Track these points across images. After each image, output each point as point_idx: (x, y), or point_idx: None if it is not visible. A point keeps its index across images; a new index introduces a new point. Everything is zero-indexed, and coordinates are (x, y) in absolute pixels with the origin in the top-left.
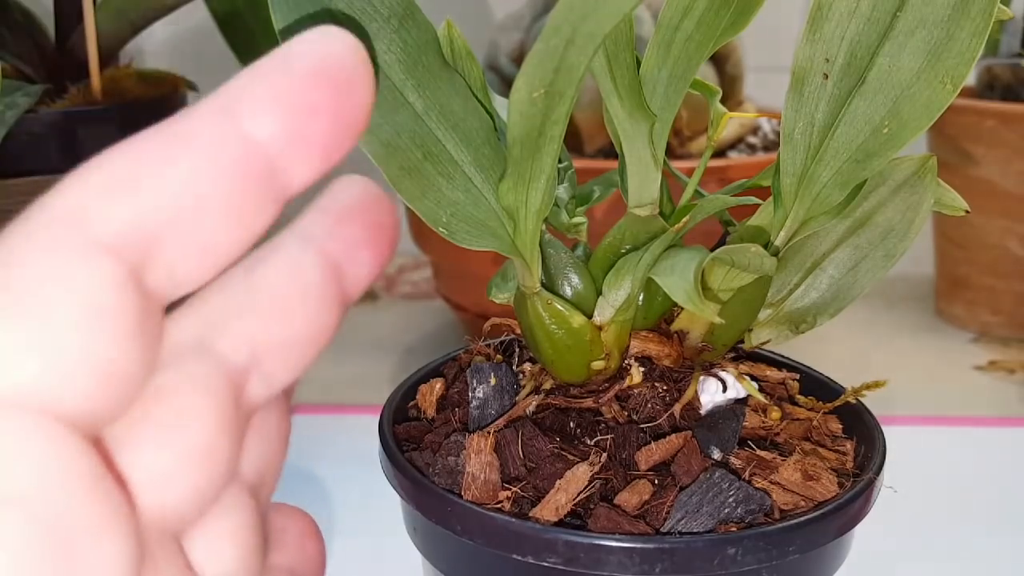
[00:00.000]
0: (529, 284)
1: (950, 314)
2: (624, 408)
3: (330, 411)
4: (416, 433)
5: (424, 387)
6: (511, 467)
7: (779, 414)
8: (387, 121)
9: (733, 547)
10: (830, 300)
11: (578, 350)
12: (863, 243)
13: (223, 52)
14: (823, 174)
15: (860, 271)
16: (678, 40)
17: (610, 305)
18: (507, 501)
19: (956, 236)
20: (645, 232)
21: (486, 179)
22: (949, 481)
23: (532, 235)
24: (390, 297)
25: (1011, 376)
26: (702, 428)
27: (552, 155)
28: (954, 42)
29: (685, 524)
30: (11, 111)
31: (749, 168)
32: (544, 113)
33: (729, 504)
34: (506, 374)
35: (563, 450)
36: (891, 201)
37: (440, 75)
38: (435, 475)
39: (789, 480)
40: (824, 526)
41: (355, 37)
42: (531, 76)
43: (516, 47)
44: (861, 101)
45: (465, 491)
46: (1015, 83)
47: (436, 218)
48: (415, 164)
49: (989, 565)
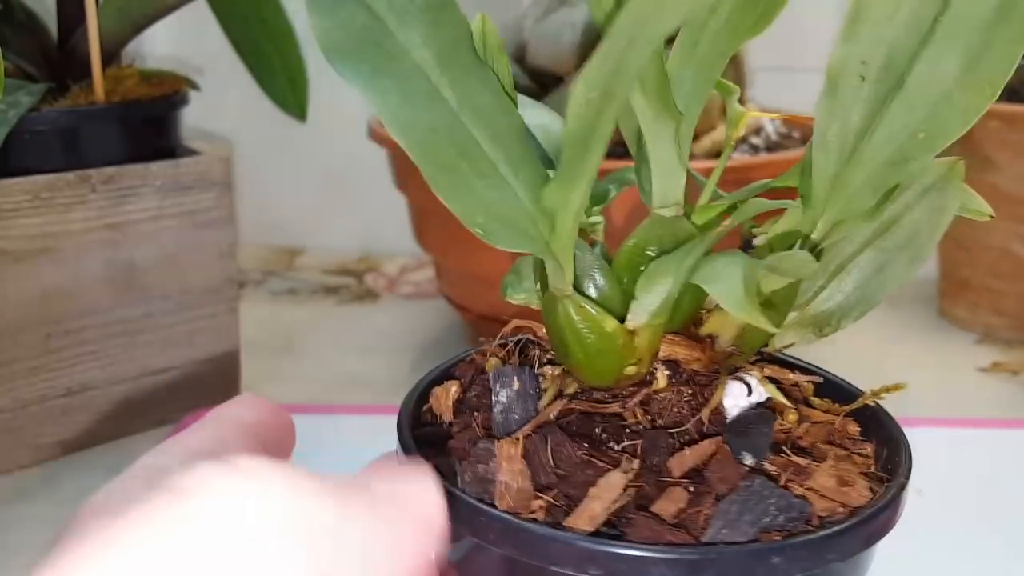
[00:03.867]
0: (561, 287)
1: (954, 316)
2: (647, 412)
3: (330, 411)
4: (435, 438)
5: (438, 390)
6: (541, 474)
7: (796, 417)
8: (422, 118)
9: (777, 556)
10: (855, 303)
11: (610, 354)
12: (889, 246)
13: (225, 52)
14: (857, 177)
15: (885, 274)
16: (704, 40)
17: (644, 309)
18: (540, 510)
19: (960, 238)
20: (670, 233)
21: (518, 178)
22: (952, 483)
23: (568, 236)
24: (392, 297)
25: (1015, 378)
26: (731, 434)
27: (599, 156)
28: (994, 48)
29: (727, 533)
30: (14, 110)
31: (752, 168)
32: (597, 114)
33: (771, 512)
34: (529, 378)
35: (592, 456)
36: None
37: (474, 71)
38: (465, 484)
39: (824, 486)
40: (864, 531)
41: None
42: (591, 78)
43: (518, 47)
44: (899, 105)
45: (499, 501)
46: (1019, 85)
47: (472, 218)
48: (451, 162)
49: (992, 566)
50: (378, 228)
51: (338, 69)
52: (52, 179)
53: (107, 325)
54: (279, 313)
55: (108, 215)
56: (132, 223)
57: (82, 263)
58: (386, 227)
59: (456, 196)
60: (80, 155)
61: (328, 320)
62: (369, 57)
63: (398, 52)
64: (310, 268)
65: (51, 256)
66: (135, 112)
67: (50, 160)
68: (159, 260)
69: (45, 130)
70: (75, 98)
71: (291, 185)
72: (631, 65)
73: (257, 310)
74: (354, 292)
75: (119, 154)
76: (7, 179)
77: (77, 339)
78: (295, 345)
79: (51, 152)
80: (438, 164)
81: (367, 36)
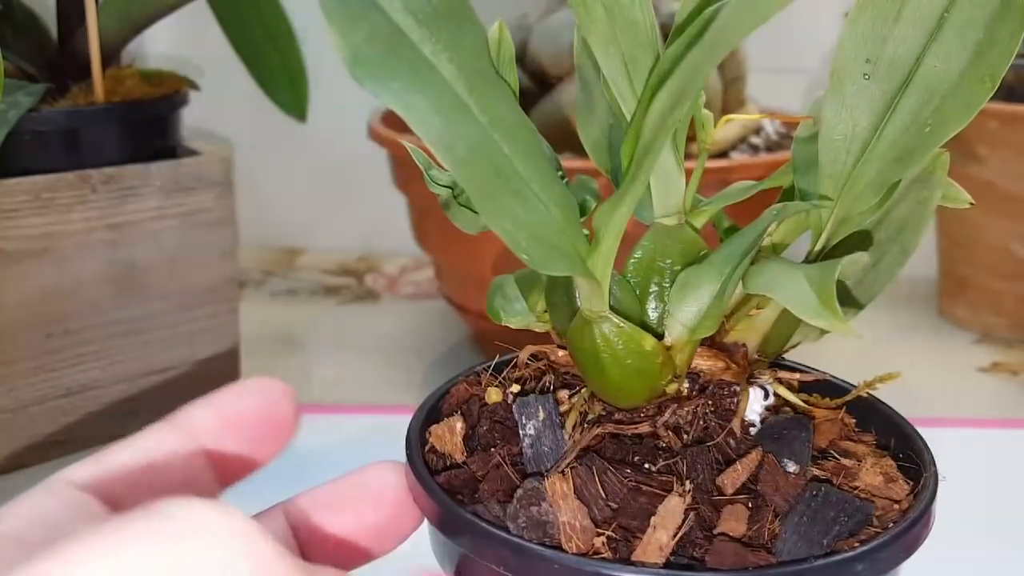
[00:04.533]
0: (597, 308)
1: (953, 316)
2: (668, 428)
3: (330, 411)
4: (457, 482)
5: (438, 429)
6: (595, 508)
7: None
8: (462, 137)
9: (861, 563)
10: (854, 298)
11: (649, 374)
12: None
13: (225, 52)
14: (866, 175)
15: (880, 267)
16: None
17: (681, 324)
18: (604, 547)
19: (959, 237)
20: (676, 242)
21: (551, 196)
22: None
23: (609, 255)
24: (392, 297)
25: (1014, 378)
26: (766, 442)
27: (651, 170)
28: (996, 42)
29: (802, 547)
30: (14, 110)
31: (752, 168)
32: (662, 125)
33: (840, 520)
34: (552, 406)
35: (639, 482)
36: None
37: (495, 83)
38: (521, 529)
39: (873, 484)
40: (922, 524)
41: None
42: (676, 88)
43: (518, 48)
44: (908, 101)
45: (567, 543)
46: (1017, 84)
47: (516, 242)
48: (491, 183)
49: (991, 566)
50: (378, 228)
51: (366, 86)
52: (52, 179)
53: (107, 325)
54: (279, 313)
55: (108, 215)
56: (132, 223)
57: (82, 263)
58: (386, 227)
59: (501, 219)
60: (80, 155)
61: (328, 320)
62: (398, 74)
63: (426, 67)
64: (310, 268)
65: (52, 256)
66: (135, 112)
67: (50, 160)
68: (159, 260)
69: (45, 130)
70: (75, 98)
71: (291, 185)
72: (707, 69)
73: (257, 310)
74: (354, 292)
75: (119, 154)
76: (7, 179)
77: (77, 339)
78: (295, 345)
79: (51, 152)
80: (482, 186)
81: (392, 50)
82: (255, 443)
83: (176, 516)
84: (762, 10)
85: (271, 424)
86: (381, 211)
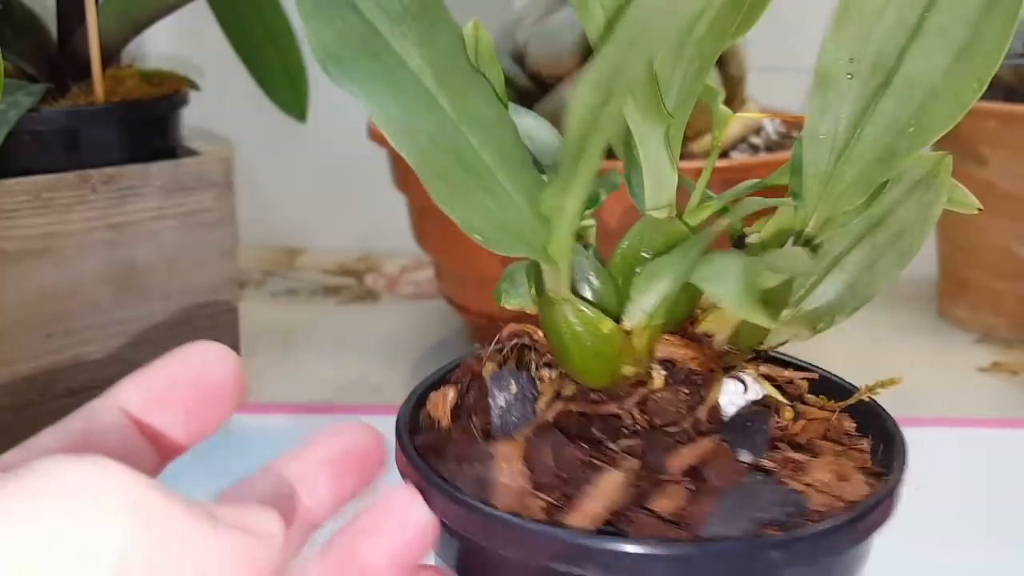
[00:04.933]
0: (559, 290)
1: (953, 316)
2: (645, 413)
3: (330, 411)
4: (434, 443)
5: (435, 396)
6: (541, 475)
7: (792, 414)
8: (422, 126)
9: (775, 550)
10: (848, 299)
11: (608, 356)
12: (879, 242)
13: (225, 52)
14: (848, 174)
15: (876, 270)
16: (691, 43)
17: (641, 310)
18: (541, 511)
19: (959, 238)
20: (664, 235)
21: (515, 184)
22: (952, 483)
23: (566, 241)
24: (392, 297)
25: (1014, 378)
26: (729, 431)
27: (597, 160)
28: (981, 42)
29: (725, 529)
30: (14, 110)
31: (752, 168)
32: (595, 118)
33: (768, 507)
34: (526, 381)
35: (592, 457)
36: (907, 200)
37: (470, 78)
38: (464, 486)
39: (822, 481)
40: (859, 526)
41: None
42: (594, 83)
43: (517, 48)
44: (889, 101)
45: (499, 501)
46: (1017, 84)
47: (471, 224)
48: (450, 169)
49: (991, 567)
50: (378, 228)
51: (334, 78)
52: (52, 179)
53: (107, 325)
54: (279, 313)
55: (108, 215)
56: (132, 223)
57: (83, 263)
58: (386, 227)
59: (456, 203)
60: (80, 155)
61: (328, 320)
62: (365, 66)
63: (394, 61)
64: (310, 268)
65: (52, 256)
66: (135, 112)
67: (50, 160)
68: (159, 260)
69: (45, 130)
70: (75, 98)
71: (291, 185)
72: (632, 67)
73: (257, 310)
74: (354, 292)
75: (119, 154)
76: (7, 179)
77: (78, 339)
78: (295, 345)
79: (51, 152)
80: (438, 172)
81: (363, 46)
82: (191, 412)
83: (48, 474)
84: (675, 9)
85: (207, 390)
86: (381, 211)
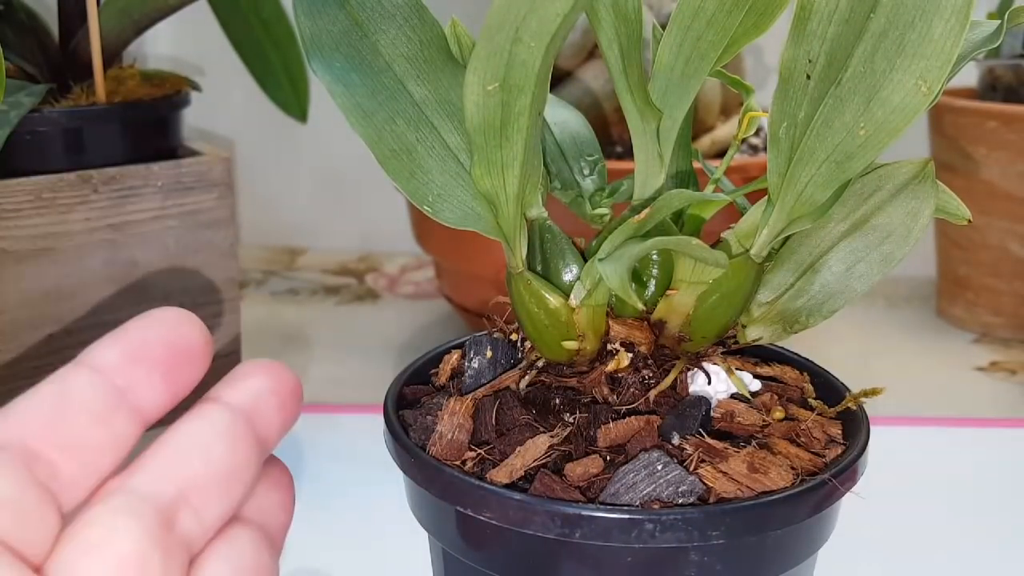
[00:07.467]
0: (513, 265)
1: (951, 315)
2: (614, 391)
3: (330, 411)
4: (421, 395)
5: (447, 356)
6: (483, 432)
7: (783, 414)
8: (384, 108)
9: (651, 523)
10: (822, 301)
11: (555, 330)
12: (859, 246)
13: (225, 52)
14: (804, 174)
15: (854, 274)
16: (689, 40)
17: (584, 289)
18: (470, 461)
19: (957, 237)
20: (641, 224)
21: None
22: (950, 482)
23: (513, 219)
24: (392, 297)
25: (1012, 377)
26: (672, 415)
27: (523, 144)
28: (927, 44)
29: (617, 497)
30: (15, 111)
31: (750, 168)
32: (504, 105)
33: (661, 484)
34: (504, 348)
35: (536, 422)
36: (890, 205)
37: (444, 68)
38: (413, 431)
39: (734, 470)
40: (757, 515)
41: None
42: (481, 71)
43: None
44: (835, 102)
45: (431, 447)
46: (1017, 84)
47: (422, 197)
48: (407, 147)
49: (990, 566)
50: (378, 228)
51: (313, 66)
52: (54, 180)
53: (109, 325)
54: (280, 313)
55: (110, 215)
56: (133, 223)
57: (84, 263)
58: (386, 227)
59: (407, 178)
60: (82, 155)
61: (328, 320)
62: (344, 56)
63: (371, 52)
64: (311, 268)
65: (53, 256)
66: (136, 112)
67: (52, 161)
68: (160, 260)
69: (47, 131)
70: (76, 99)
71: (291, 185)
72: (527, 60)
73: (258, 310)
74: (354, 292)
75: (120, 154)
76: (9, 180)
77: (79, 339)
78: (296, 345)
79: (53, 153)
80: (391, 149)
81: (345, 38)
82: (167, 372)
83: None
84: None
85: (180, 351)
86: (381, 211)
